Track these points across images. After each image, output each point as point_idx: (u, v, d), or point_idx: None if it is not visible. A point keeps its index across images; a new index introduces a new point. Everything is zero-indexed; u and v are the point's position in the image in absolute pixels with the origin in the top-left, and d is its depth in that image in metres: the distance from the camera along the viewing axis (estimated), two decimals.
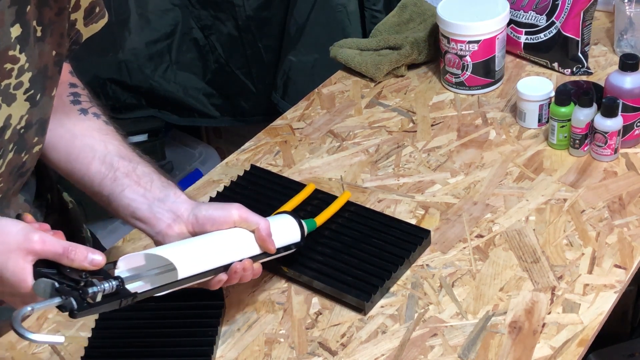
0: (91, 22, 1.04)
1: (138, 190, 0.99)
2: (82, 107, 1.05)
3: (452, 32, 1.42)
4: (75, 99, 1.05)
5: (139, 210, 0.98)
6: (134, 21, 2.03)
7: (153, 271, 0.91)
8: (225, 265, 0.96)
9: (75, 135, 1.03)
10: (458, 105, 1.44)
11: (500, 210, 1.20)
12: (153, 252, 0.90)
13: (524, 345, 0.99)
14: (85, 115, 1.04)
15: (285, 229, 1.05)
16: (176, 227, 0.97)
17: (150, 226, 0.98)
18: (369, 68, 1.51)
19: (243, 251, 0.98)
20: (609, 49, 1.53)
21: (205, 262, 0.94)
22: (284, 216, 1.07)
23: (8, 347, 1.07)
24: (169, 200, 0.98)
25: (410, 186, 1.26)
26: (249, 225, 0.99)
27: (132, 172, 1.00)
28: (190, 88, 2.13)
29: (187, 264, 0.91)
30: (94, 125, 1.04)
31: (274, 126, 1.44)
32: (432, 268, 1.12)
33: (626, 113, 1.25)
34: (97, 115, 1.05)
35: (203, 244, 0.96)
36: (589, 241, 1.13)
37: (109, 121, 1.06)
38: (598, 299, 1.05)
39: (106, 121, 1.06)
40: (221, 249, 0.96)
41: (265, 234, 0.99)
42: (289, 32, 1.93)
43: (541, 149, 1.31)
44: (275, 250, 1.01)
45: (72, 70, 1.10)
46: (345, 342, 1.03)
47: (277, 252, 1.02)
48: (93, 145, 1.02)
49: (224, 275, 0.96)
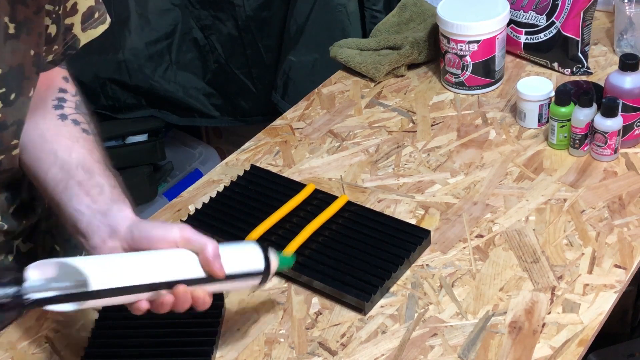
0: (89, 28, 1.02)
1: (84, 201, 0.92)
2: (63, 112, 1.01)
3: (452, 32, 1.42)
4: (58, 104, 1.01)
5: (79, 222, 0.91)
6: (134, 21, 2.03)
7: (68, 283, 0.81)
8: (151, 284, 0.85)
9: (46, 139, 0.98)
10: (458, 105, 1.44)
11: (500, 210, 1.20)
12: (64, 261, 0.82)
13: (524, 345, 0.99)
14: (63, 120, 1.00)
15: (244, 255, 0.94)
16: (110, 242, 0.89)
17: (86, 239, 0.91)
18: (369, 68, 1.51)
19: (178, 272, 0.87)
20: (609, 49, 1.53)
21: (126, 277, 0.84)
22: (247, 243, 0.97)
23: (8, 347, 1.07)
24: (110, 214, 0.91)
25: (410, 186, 1.26)
26: (193, 247, 0.88)
27: (86, 182, 0.93)
28: (190, 88, 2.13)
29: (100, 276, 0.82)
30: (67, 131, 0.99)
31: (274, 126, 1.44)
32: (432, 268, 1.12)
33: (626, 113, 1.25)
34: (77, 122, 1.00)
35: (129, 259, 0.87)
36: (589, 241, 1.13)
37: (90, 130, 1.01)
38: (598, 299, 1.05)
39: (86, 129, 1.00)
40: (149, 266, 0.86)
41: (211, 255, 0.87)
42: (289, 32, 1.93)
43: (541, 149, 1.31)
44: (225, 275, 0.89)
45: (66, 77, 1.06)
46: (345, 342, 1.03)
47: (231, 279, 0.91)
48: (57, 151, 0.96)
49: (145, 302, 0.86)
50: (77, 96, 1.05)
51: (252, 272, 0.93)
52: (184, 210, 1.27)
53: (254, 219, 1.18)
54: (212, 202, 1.24)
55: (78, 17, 0.99)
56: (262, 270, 0.93)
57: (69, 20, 0.99)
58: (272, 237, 1.16)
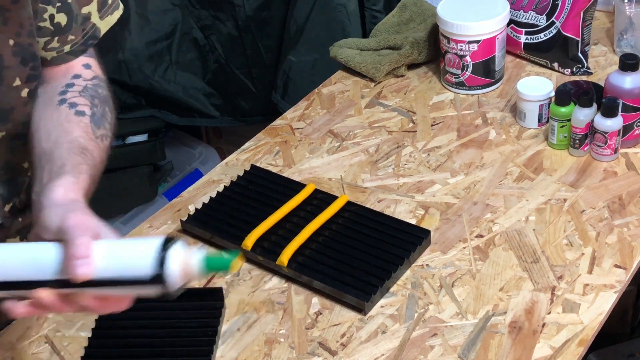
0: (106, 15, 1.02)
1: (40, 174, 0.86)
2: (64, 97, 0.98)
3: (452, 32, 1.42)
4: (64, 90, 0.99)
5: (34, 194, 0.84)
6: (134, 21, 2.03)
7: None
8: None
9: (38, 126, 0.95)
10: (458, 105, 1.44)
11: (500, 210, 1.20)
12: None
13: (523, 345, 0.99)
14: (60, 105, 0.96)
15: (133, 256, 0.74)
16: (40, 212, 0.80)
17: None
18: (369, 68, 1.51)
19: (32, 271, 0.74)
20: (609, 49, 1.53)
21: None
22: (152, 240, 0.75)
23: (8, 347, 1.07)
24: (41, 183, 0.84)
25: (410, 186, 1.26)
26: (66, 238, 0.74)
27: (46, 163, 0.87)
28: (190, 88, 2.13)
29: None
30: (57, 116, 0.95)
31: (274, 126, 1.44)
32: (432, 268, 1.12)
33: (626, 113, 1.25)
34: (73, 105, 0.96)
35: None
36: (589, 241, 1.13)
37: (89, 111, 0.97)
38: (598, 299, 1.05)
39: (81, 111, 0.96)
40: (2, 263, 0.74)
41: (76, 253, 0.72)
42: (289, 32, 1.93)
43: (541, 149, 1.31)
44: (90, 279, 0.72)
45: (89, 64, 1.04)
46: (345, 342, 1.03)
47: (107, 285, 0.74)
48: (35, 135, 0.92)
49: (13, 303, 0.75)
50: (93, 80, 1.04)
51: (133, 278, 0.74)
52: (184, 210, 1.27)
53: (254, 219, 1.18)
54: (212, 202, 1.24)
55: (94, 6, 1.00)
56: (149, 278, 0.73)
57: (86, 9, 0.99)
58: (272, 237, 1.16)
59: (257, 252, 1.14)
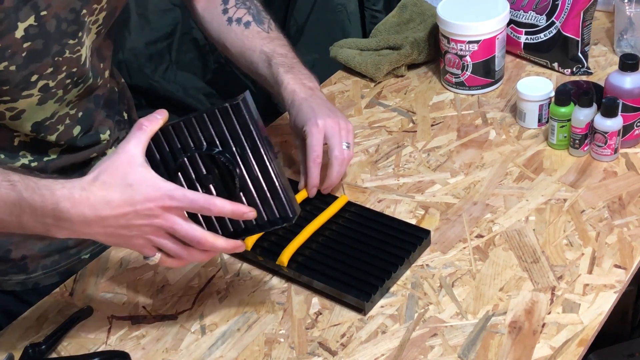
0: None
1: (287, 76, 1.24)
2: (229, 16, 1.24)
3: (452, 32, 1.42)
4: (224, 7, 1.25)
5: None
6: (134, 21, 2.03)
7: None
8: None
9: (226, 49, 1.26)
10: (458, 105, 1.44)
11: (500, 210, 1.20)
12: None
13: (523, 345, 0.99)
14: (230, 25, 1.24)
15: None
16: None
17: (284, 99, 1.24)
18: (369, 68, 1.51)
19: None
20: (609, 49, 1.53)
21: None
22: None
23: (8, 347, 1.07)
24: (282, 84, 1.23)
25: (410, 186, 1.26)
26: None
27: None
28: (190, 88, 2.13)
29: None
30: (236, 36, 1.24)
31: (274, 126, 1.44)
32: (432, 268, 1.12)
33: (626, 113, 1.25)
34: (239, 21, 1.23)
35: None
36: (589, 241, 1.13)
37: (252, 19, 1.24)
38: (598, 299, 1.05)
39: (247, 21, 1.23)
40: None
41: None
42: (289, 32, 1.93)
43: (541, 149, 1.31)
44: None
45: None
46: (345, 342, 1.03)
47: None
48: (252, 46, 1.23)
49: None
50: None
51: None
52: None
53: None
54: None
55: None
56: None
57: None
58: (272, 237, 1.16)
59: (257, 252, 1.14)
